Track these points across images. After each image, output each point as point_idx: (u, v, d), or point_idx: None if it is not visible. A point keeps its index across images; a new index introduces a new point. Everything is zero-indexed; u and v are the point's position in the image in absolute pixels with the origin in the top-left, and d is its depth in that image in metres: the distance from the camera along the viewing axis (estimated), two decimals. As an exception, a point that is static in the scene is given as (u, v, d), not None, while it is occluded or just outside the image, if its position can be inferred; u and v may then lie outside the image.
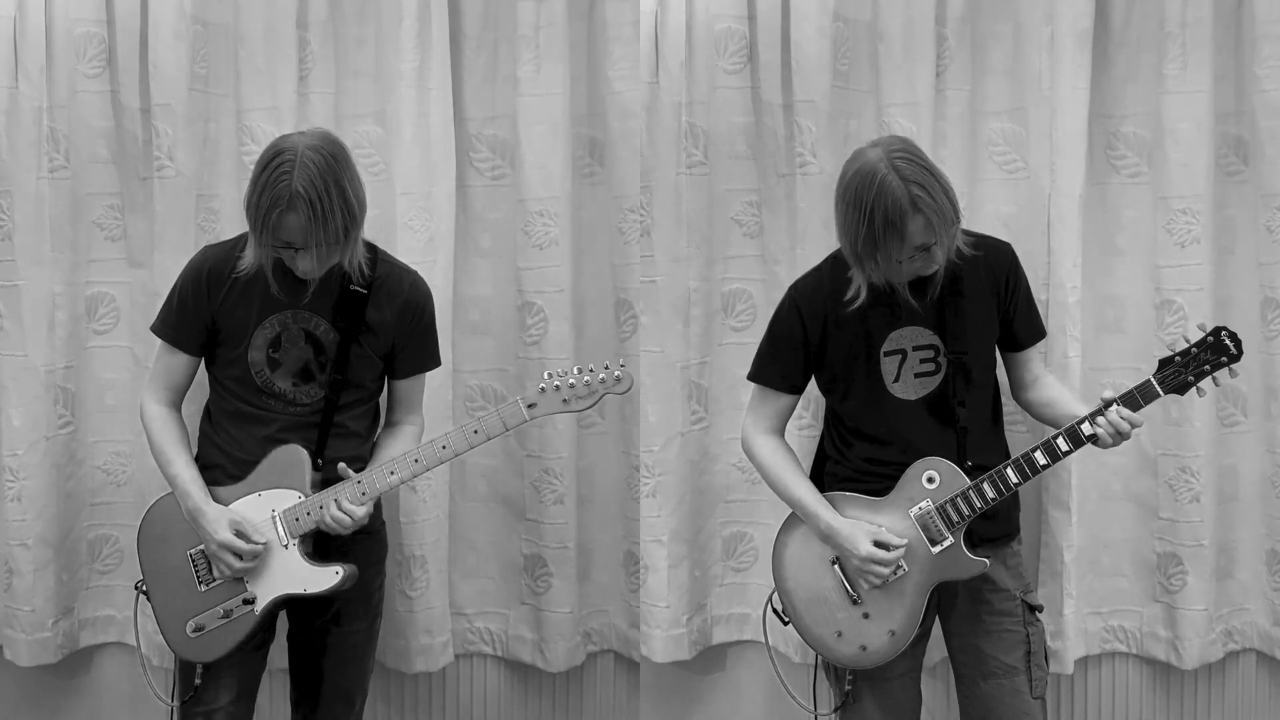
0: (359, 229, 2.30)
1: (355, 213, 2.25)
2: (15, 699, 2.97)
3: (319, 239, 2.20)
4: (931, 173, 2.17)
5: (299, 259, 2.26)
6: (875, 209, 2.15)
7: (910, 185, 2.13)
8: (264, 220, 2.19)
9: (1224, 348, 2.23)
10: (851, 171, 2.20)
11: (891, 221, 2.14)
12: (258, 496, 2.38)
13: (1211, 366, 2.23)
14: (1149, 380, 2.24)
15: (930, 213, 2.14)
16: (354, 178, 2.27)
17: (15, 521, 2.79)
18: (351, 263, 2.33)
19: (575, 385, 2.35)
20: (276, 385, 2.39)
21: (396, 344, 2.45)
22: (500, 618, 3.03)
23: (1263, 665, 2.97)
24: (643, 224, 2.85)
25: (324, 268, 2.29)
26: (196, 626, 2.37)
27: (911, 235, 2.16)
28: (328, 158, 2.21)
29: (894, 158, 2.16)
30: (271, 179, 2.18)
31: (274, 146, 2.24)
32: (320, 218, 2.18)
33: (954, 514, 2.29)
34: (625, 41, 2.83)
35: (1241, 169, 2.82)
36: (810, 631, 2.41)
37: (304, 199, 2.16)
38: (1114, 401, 2.23)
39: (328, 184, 2.19)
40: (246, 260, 2.31)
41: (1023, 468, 2.27)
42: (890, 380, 2.35)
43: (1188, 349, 2.23)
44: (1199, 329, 2.25)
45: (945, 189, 2.17)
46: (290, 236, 2.21)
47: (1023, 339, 2.44)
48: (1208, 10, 2.73)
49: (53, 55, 2.76)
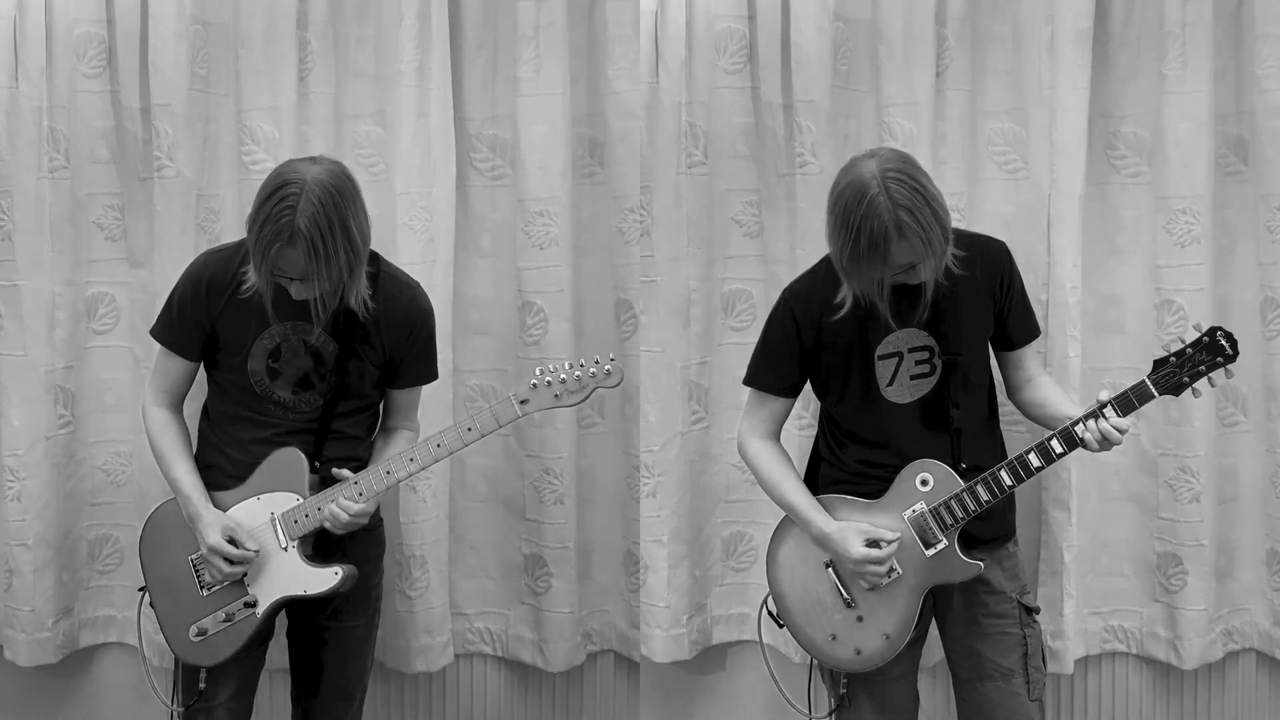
0: (362, 266, 2.26)
1: (359, 251, 2.22)
2: (15, 699, 2.97)
3: (320, 275, 2.17)
4: (924, 195, 2.12)
5: (294, 287, 2.24)
6: (861, 229, 2.11)
7: (898, 210, 2.09)
8: (264, 251, 2.15)
9: (1219, 348, 2.20)
10: (844, 184, 2.16)
11: (875, 244, 2.11)
12: (256, 500, 2.38)
13: (1207, 367, 2.20)
14: (1144, 381, 2.22)
15: (915, 238, 2.11)
16: (360, 215, 2.22)
17: (15, 521, 2.79)
18: (356, 299, 2.29)
19: (566, 380, 2.35)
20: (276, 394, 2.39)
21: (396, 357, 2.44)
22: (500, 618, 3.03)
23: (1263, 665, 2.97)
24: (643, 224, 2.85)
25: (322, 296, 2.25)
26: (199, 631, 2.38)
27: (894, 257, 2.13)
28: (334, 194, 2.16)
29: (887, 176, 2.11)
30: (275, 211, 2.13)
31: (281, 175, 2.18)
32: (322, 257, 2.15)
33: (948, 517, 2.29)
34: (625, 41, 2.83)
35: (1241, 169, 2.82)
36: (805, 635, 2.41)
37: (305, 237, 2.13)
38: (1109, 403, 2.22)
39: (332, 222, 2.14)
40: (250, 280, 2.26)
41: (1016, 470, 2.26)
42: (884, 384, 2.34)
43: (1183, 349, 2.21)
44: (1195, 329, 2.23)
45: (936, 212, 2.13)
46: (289, 269, 2.19)
47: (1016, 338, 2.42)
48: (1208, 10, 2.73)
49: (53, 55, 2.76)
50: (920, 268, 2.18)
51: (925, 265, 2.17)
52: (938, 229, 2.13)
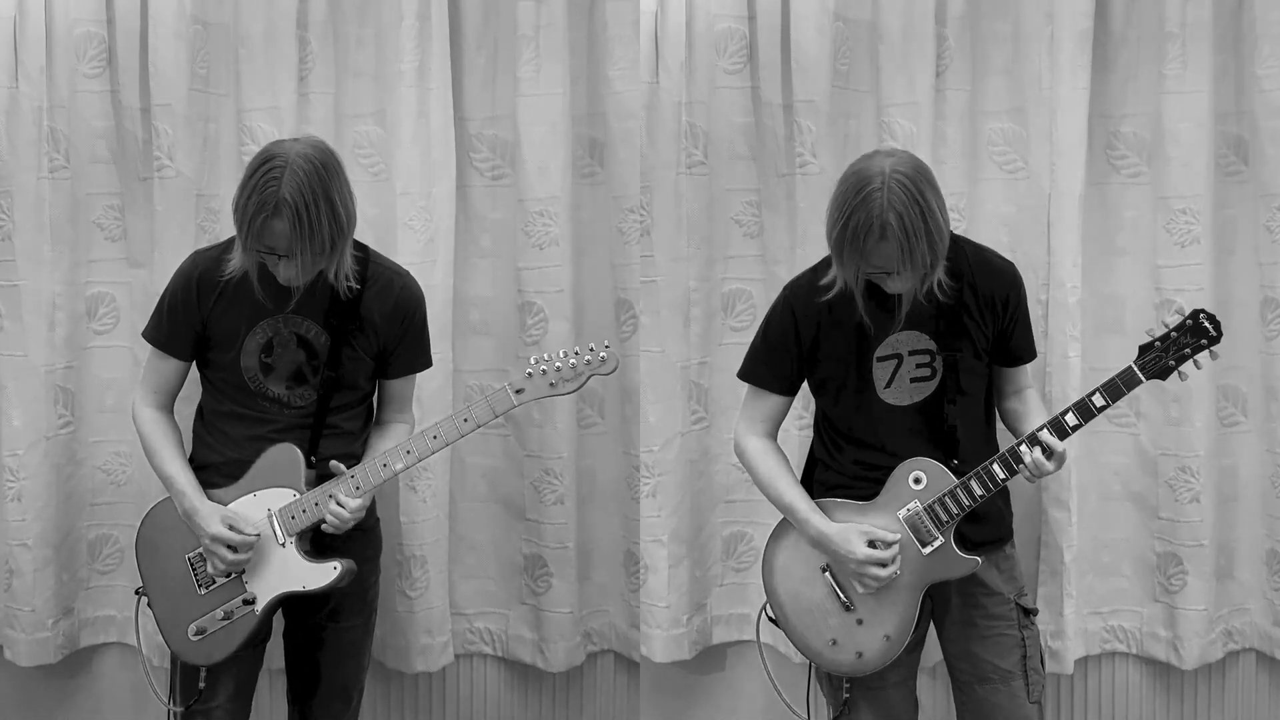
0: (346, 241, 2.27)
1: (343, 225, 2.24)
2: (15, 699, 2.97)
3: (303, 248, 2.19)
4: (922, 207, 2.09)
5: (281, 266, 2.24)
6: (850, 218, 2.10)
7: (889, 211, 2.07)
8: (249, 224, 2.18)
9: (1203, 330, 2.20)
10: (853, 170, 2.16)
11: (856, 235, 2.10)
12: (253, 497, 2.37)
13: (1192, 350, 2.20)
14: (1130, 367, 2.22)
15: (895, 244, 2.09)
16: (345, 190, 2.25)
17: (15, 521, 2.79)
18: (338, 275, 2.31)
19: (561, 368, 2.35)
20: (270, 389, 2.39)
21: (388, 345, 2.44)
22: (500, 618, 3.03)
23: (1263, 665, 2.97)
24: (643, 224, 2.85)
25: (307, 277, 2.27)
26: (198, 630, 2.37)
27: (870, 256, 2.12)
28: (319, 167, 2.19)
29: (893, 177, 2.09)
30: (260, 183, 2.16)
31: (266, 151, 2.22)
32: (306, 227, 2.17)
33: (943, 513, 2.28)
34: (625, 41, 2.83)
35: (1241, 169, 2.82)
36: (804, 641, 2.39)
37: (290, 206, 2.15)
38: (1099, 390, 2.22)
39: (316, 194, 2.17)
40: (233, 264, 2.30)
41: (1009, 462, 2.26)
42: (882, 386, 2.33)
43: (1167, 333, 2.21)
44: (1178, 313, 2.24)
45: (929, 228, 2.09)
46: (274, 243, 2.20)
47: (1013, 358, 2.41)
48: (1208, 10, 2.73)
49: (53, 55, 2.76)
50: (895, 278, 2.17)
51: (901, 277, 2.16)
52: (923, 245, 2.09)
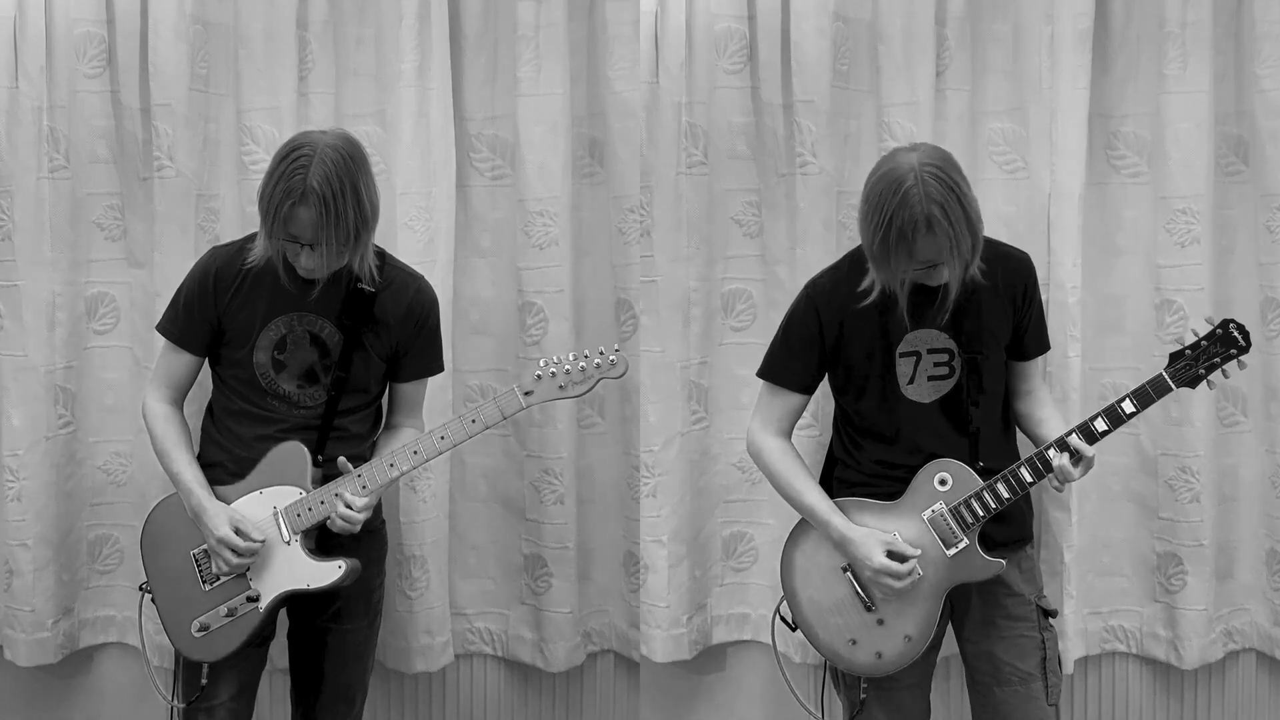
0: (370, 233, 2.30)
1: (368, 215, 2.26)
2: (15, 699, 2.97)
3: (328, 237, 2.21)
4: (958, 195, 2.11)
5: (304, 256, 2.26)
6: (893, 219, 2.11)
7: (931, 204, 2.09)
8: (275, 211, 2.20)
9: (1233, 340, 2.23)
10: (882, 171, 2.16)
11: (904, 235, 2.10)
12: (259, 494, 2.38)
13: (1222, 359, 2.23)
14: (1161, 375, 2.24)
15: (943, 235, 2.10)
16: (370, 181, 2.28)
17: (15, 521, 2.79)
18: (362, 265, 2.34)
19: (571, 371, 2.35)
20: (281, 387, 2.39)
21: (401, 348, 2.45)
22: (500, 618, 3.03)
23: (1263, 665, 2.97)
24: (643, 224, 2.85)
25: (329, 268, 2.29)
26: (201, 626, 2.37)
27: (919, 252, 2.13)
28: (346, 158, 2.22)
29: (925, 170, 2.10)
30: (288, 171, 2.18)
31: (294, 141, 2.25)
32: (332, 215, 2.19)
33: (968, 515, 2.28)
34: (625, 41, 2.83)
35: (1241, 169, 2.82)
36: (822, 641, 2.38)
37: (318, 194, 2.17)
38: (1128, 396, 2.23)
39: (344, 183, 2.19)
40: (254, 255, 2.32)
41: (1036, 466, 2.27)
42: (904, 382, 2.33)
43: (1197, 342, 2.24)
44: (1206, 322, 2.26)
45: (969, 216, 2.12)
46: (299, 231, 2.22)
47: (1029, 350, 2.42)
48: (1208, 10, 2.73)
49: (53, 55, 2.76)
50: (943, 268, 2.18)
51: (949, 266, 2.17)
52: (967, 233, 2.12)
